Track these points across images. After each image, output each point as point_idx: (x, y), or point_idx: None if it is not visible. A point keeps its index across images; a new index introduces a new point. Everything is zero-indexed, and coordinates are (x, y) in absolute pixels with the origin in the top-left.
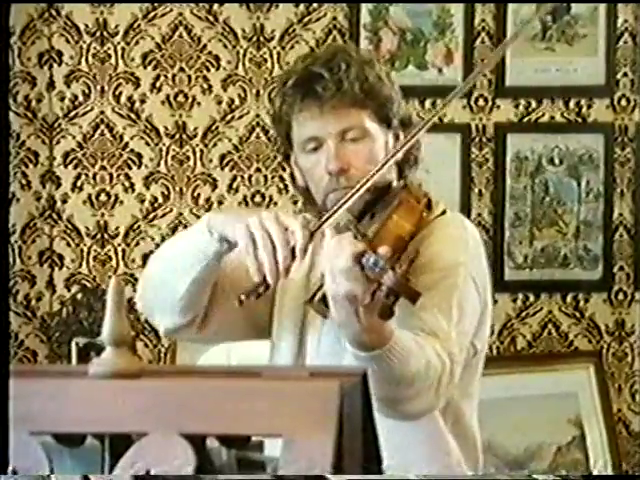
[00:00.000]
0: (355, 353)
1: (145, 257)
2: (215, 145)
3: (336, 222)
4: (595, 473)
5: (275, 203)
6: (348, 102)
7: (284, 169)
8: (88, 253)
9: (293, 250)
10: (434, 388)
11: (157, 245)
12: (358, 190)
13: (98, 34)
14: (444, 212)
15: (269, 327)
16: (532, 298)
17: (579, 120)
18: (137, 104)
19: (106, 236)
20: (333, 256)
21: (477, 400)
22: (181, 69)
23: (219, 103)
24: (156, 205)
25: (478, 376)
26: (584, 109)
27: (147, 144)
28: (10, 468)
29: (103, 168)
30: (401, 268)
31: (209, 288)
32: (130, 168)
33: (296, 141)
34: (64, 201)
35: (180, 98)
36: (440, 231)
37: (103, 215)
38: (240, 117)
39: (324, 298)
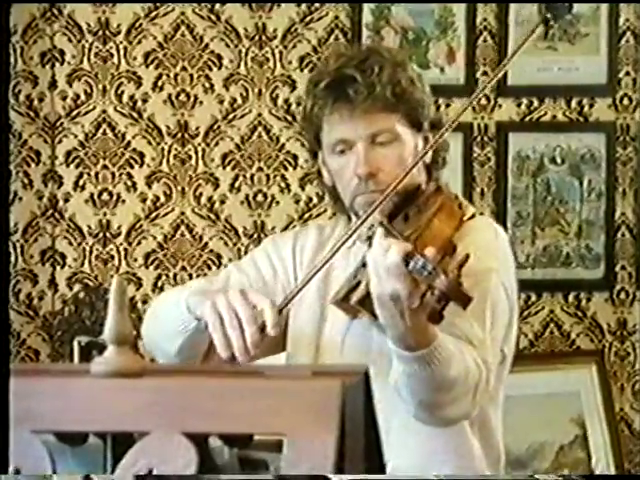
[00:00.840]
0: (398, 352)
1: (147, 256)
2: (217, 144)
3: (370, 224)
4: (597, 472)
5: (277, 202)
6: (379, 106)
7: (286, 168)
8: (90, 252)
9: (263, 326)
10: (471, 395)
11: (159, 244)
12: (368, 216)
13: (100, 33)
14: (473, 215)
15: (283, 339)
16: (534, 297)
17: (581, 119)
18: (139, 103)
19: (108, 235)
20: (380, 255)
21: (501, 405)
22: (183, 68)
23: (221, 102)
24: (158, 204)
25: (504, 381)
26: (586, 108)
27: (149, 143)
28: (11, 467)
29: (105, 167)
30: (453, 272)
31: (203, 341)
32: (132, 167)
33: (325, 142)
34: (66, 200)
35: (182, 97)
36: (471, 236)
37: (105, 214)
38: (242, 116)
39: (365, 298)
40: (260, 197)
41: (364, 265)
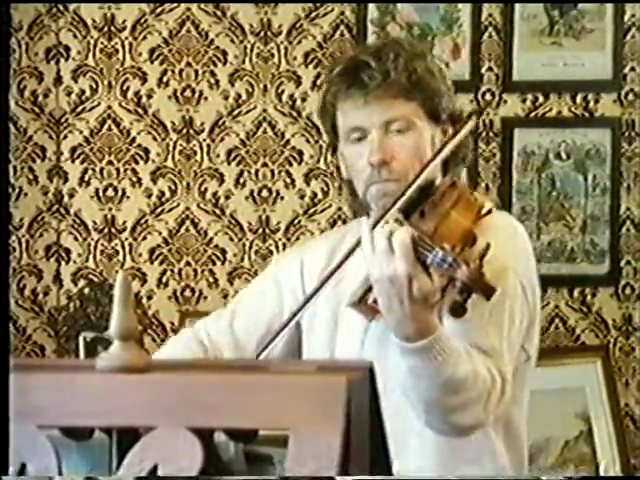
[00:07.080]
0: (400, 345)
1: (152, 251)
2: (222, 140)
3: (385, 221)
4: (602, 468)
5: (282, 198)
6: (394, 93)
7: (291, 164)
8: (95, 247)
9: None
10: (483, 402)
11: (164, 240)
12: (379, 220)
13: (105, 29)
14: (490, 210)
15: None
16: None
17: (586, 114)
18: (144, 99)
19: (113, 230)
20: (382, 238)
21: (526, 405)
22: (188, 64)
23: (226, 98)
24: (163, 200)
25: (528, 380)
26: (591, 103)
27: (154, 139)
28: (14, 462)
29: (110, 163)
30: (474, 262)
31: None
32: (137, 163)
33: (341, 131)
34: (71, 196)
35: (187, 93)
36: (489, 232)
37: (110, 210)
38: (247, 112)
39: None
40: (265, 192)
41: None
